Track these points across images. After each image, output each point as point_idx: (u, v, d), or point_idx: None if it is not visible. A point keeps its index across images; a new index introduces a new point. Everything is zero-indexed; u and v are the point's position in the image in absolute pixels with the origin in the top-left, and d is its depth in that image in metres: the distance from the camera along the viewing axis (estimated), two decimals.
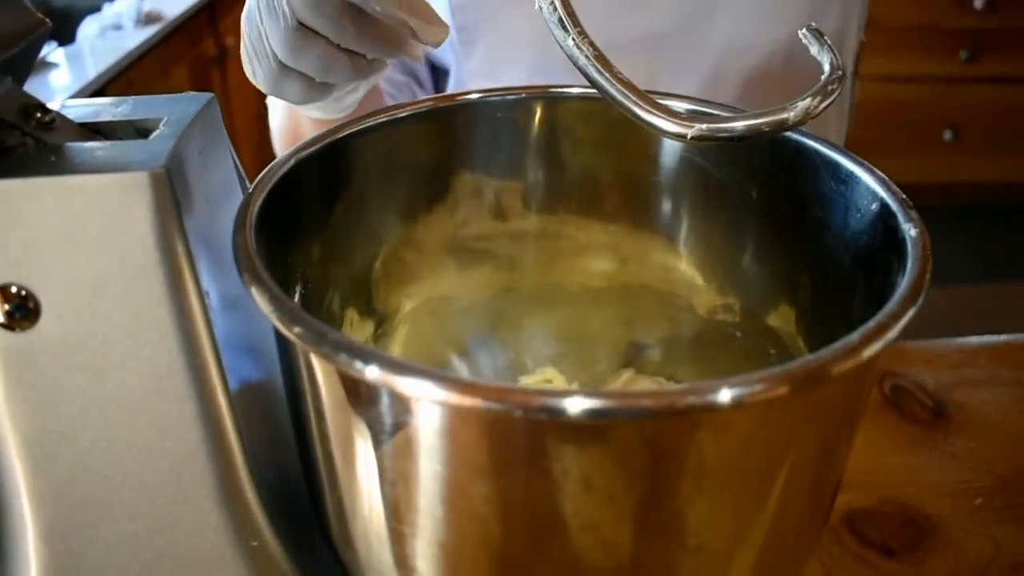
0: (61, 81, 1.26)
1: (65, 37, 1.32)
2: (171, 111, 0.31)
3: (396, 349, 0.43)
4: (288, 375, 0.29)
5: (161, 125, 0.30)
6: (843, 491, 0.33)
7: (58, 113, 0.29)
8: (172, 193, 0.27)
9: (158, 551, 0.31)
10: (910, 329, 0.26)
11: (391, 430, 0.25)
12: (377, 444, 0.25)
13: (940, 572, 0.46)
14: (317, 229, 0.37)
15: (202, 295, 0.29)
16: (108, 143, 0.29)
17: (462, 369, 0.44)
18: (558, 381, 0.47)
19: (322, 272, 0.37)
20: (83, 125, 0.30)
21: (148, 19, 1.44)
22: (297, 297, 0.35)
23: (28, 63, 0.30)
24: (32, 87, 0.30)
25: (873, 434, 0.54)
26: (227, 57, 1.70)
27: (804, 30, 0.33)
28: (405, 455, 0.25)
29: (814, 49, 0.32)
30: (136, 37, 1.38)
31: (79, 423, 0.29)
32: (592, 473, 0.23)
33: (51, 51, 1.30)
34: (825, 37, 0.33)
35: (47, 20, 0.30)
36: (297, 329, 0.24)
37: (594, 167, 0.44)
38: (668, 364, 0.46)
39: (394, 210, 0.41)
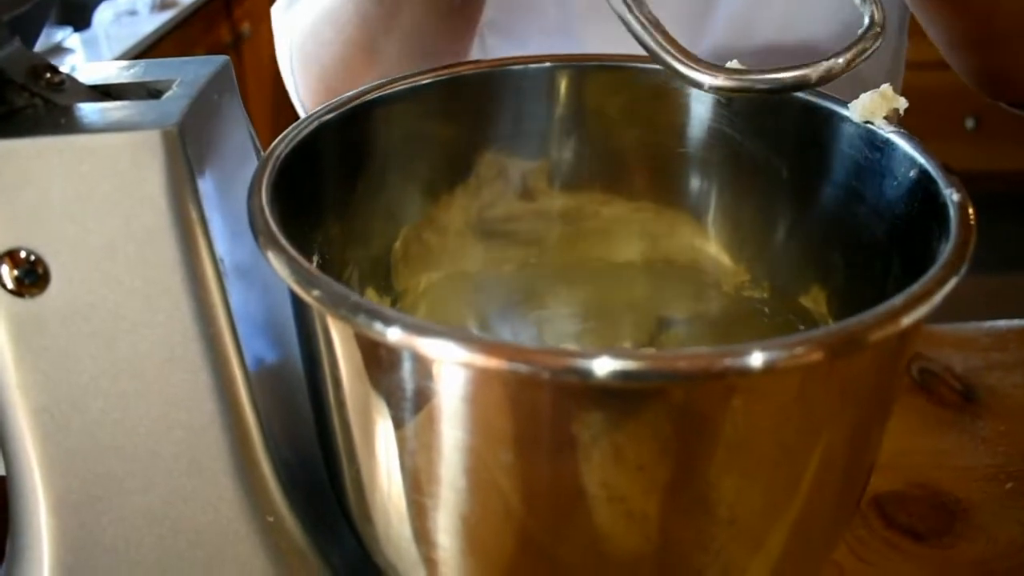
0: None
1: (81, 23, 1.32)
2: (184, 73, 0.30)
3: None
4: (305, 342, 0.28)
5: (174, 86, 0.29)
6: (872, 474, 0.32)
7: (68, 75, 0.29)
8: (184, 153, 0.26)
9: (172, 525, 0.31)
10: (936, 313, 0.25)
11: (412, 396, 0.24)
12: (397, 412, 0.24)
13: (970, 557, 0.44)
14: (335, 203, 0.36)
15: (216, 261, 0.28)
16: (119, 103, 0.28)
17: None
18: None
19: (340, 249, 0.36)
20: (94, 88, 0.29)
21: (163, 5, 1.44)
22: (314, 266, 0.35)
23: (38, 24, 0.29)
24: None
25: (902, 417, 0.53)
26: (242, 43, 1.69)
27: None
28: (426, 422, 0.24)
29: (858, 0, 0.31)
30: (151, 23, 1.37)
31: (90, 392, 0.28)
32: (620, 440, 0.22)
33: (67, 37, 1.30)
34: None
35: None
36: (316, 292, 0.23)
37: (620, 141, 0.43)
38: (692, 341, 0.45)
39: (416, 189, 0.40)
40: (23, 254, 0.26)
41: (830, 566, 0.44)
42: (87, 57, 1.27)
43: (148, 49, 1.35)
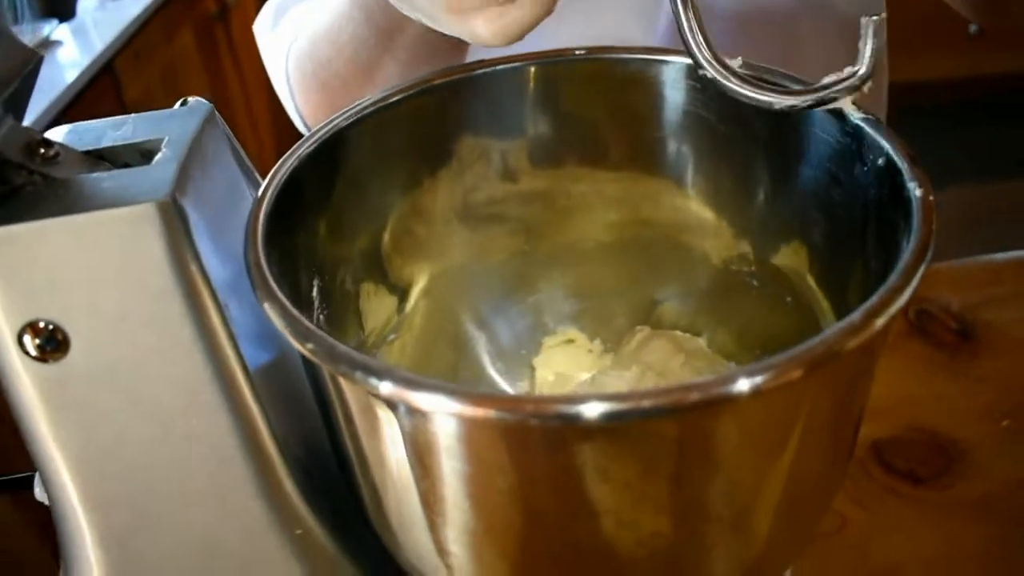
0: (69, 57, 1.26)
1: (65, 14, 1.31)
2: (171, 129, 0.31)
3: (418, 323, 0.44)
4: (312, 379, 0.30)
5: (163, 146, 0.30)
6: (869, 421, 0.33)
7: (61, 145, 0.30)
8: (180, 218, 0.28)
9: (211, 551, 0.33)
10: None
11: (412, 434, 0.26)
12: (400, 448, 0.26)
13: (969, 498, 0.46)
14: (323, 215, 0.37)
15: (221, 309, 0.30)
16: (113, 172, 0.29)
17: (482, 340, 0.45)
18: (579, 340, 0.48)
19: (332, 253, 0.38)
20: (87, 153, 0.31)
21: None
22: (315, 284, 0.36)
23: (25, 97, 0.30)
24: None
25: (899, 362, 0.54)
26: (229, 12, 1.68)
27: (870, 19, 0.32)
28: (427, 456, 0.26)
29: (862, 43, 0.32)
30: (136, 5, 1.36)
31: (120, 441, 0.30)
32: (607, 466, 0.24)
33: (53, 29, 1.30)
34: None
35: (39, 52, 0.30)
36: (310, 345, 0.25)
37: (598, 123, 0.44)
38: (686, 316, 0.46)
39: (397, 184, 0.41)
40: (42, 324, 0.28)
41: (832, 515, 0.46)
42: (77, 47, 1.27)
43: (137, 32, 1.35)
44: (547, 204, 0.46)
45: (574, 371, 0.46)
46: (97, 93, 1.24)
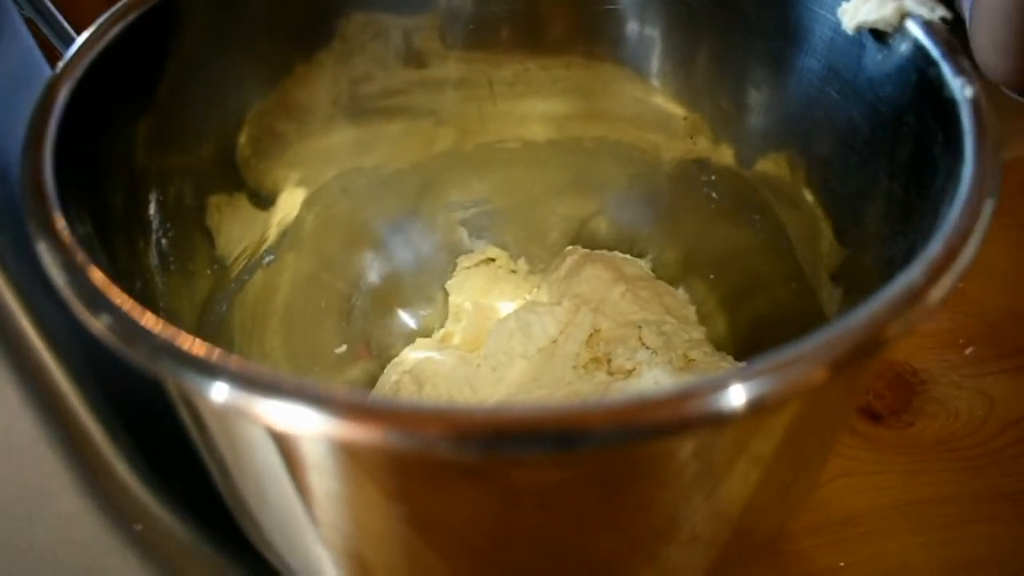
0: None
1: None
2: None
3: (302, 242, 0.35)
4: None
5: None
6: None
7: None
8: None
9: (34, 556, 0.25)
10: None
11: (278, 445, 0.18)
12: (267, 460, 0.18)
13: (931, 436, 0.42)
14: (151, 108, 0.26)
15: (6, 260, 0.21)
16: None
17: (378, 262, 0.36)
18: (502, 259, 0.40)
19: (166, 158, 0.28)
20: None
21: None
22: (151, 200, 0.26)
23: None
24: None
25: None
26: None
27: None
28: (299, 474, 0.18)
29: None
30: None
31: None
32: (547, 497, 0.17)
33: None
34: None
35: None
36: (105, 318, 0.16)
37: None
38: (626, 232, 0.39)
39: (259, 69, 0.30)
40: None
41: None
42: None
43: None
44: (464, 95, 0.36)
45: (494, 299, 0.38)
46: None
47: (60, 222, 0.18)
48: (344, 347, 0.36)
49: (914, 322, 0.16)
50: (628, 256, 0.39)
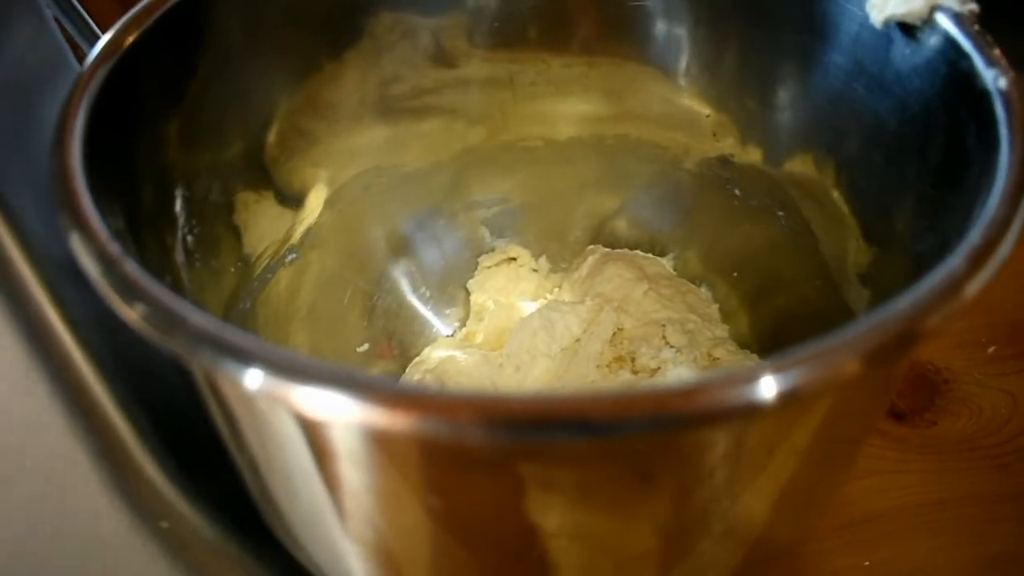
0: None
1: None
2: None
3: (325, 240, 0.35)
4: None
5: None
6: None
7: None
8: None
9: (55, 548, 0.25)
10: None
11: (309, 435, 0.18)
12: (296, 450, 0.18)
13: (953, 435, 0.41)
14: (180, 105, 0.26)
15: (30, 248, 0.21)
16: None
17: (403, 261, 0.37)
18: (523, 258, 0.40)
19: (194, 155, 0.28)
20: None
21: None
22: (178, 196, 0.26)
23: None
24: None
25: None
26: None
27: None
28: (329, 464, 0.18)
29: None
30: None
31: None
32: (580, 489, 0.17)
33: None
34: None
35: None
36: (140, 307, 0.16)
37: None
38: (648, 230, 0.39)
39: (289, 68, 0.31)
40: None
41: None
42: None
43: None
44: (488, 94, 0.36)
45: (516, 298, 0.38)
46: None
47: (92, 213, 0.18)
48: (366, 346, 0.36)
49: (953, 314, 0.16)
50: (650, 255, 0.38)
